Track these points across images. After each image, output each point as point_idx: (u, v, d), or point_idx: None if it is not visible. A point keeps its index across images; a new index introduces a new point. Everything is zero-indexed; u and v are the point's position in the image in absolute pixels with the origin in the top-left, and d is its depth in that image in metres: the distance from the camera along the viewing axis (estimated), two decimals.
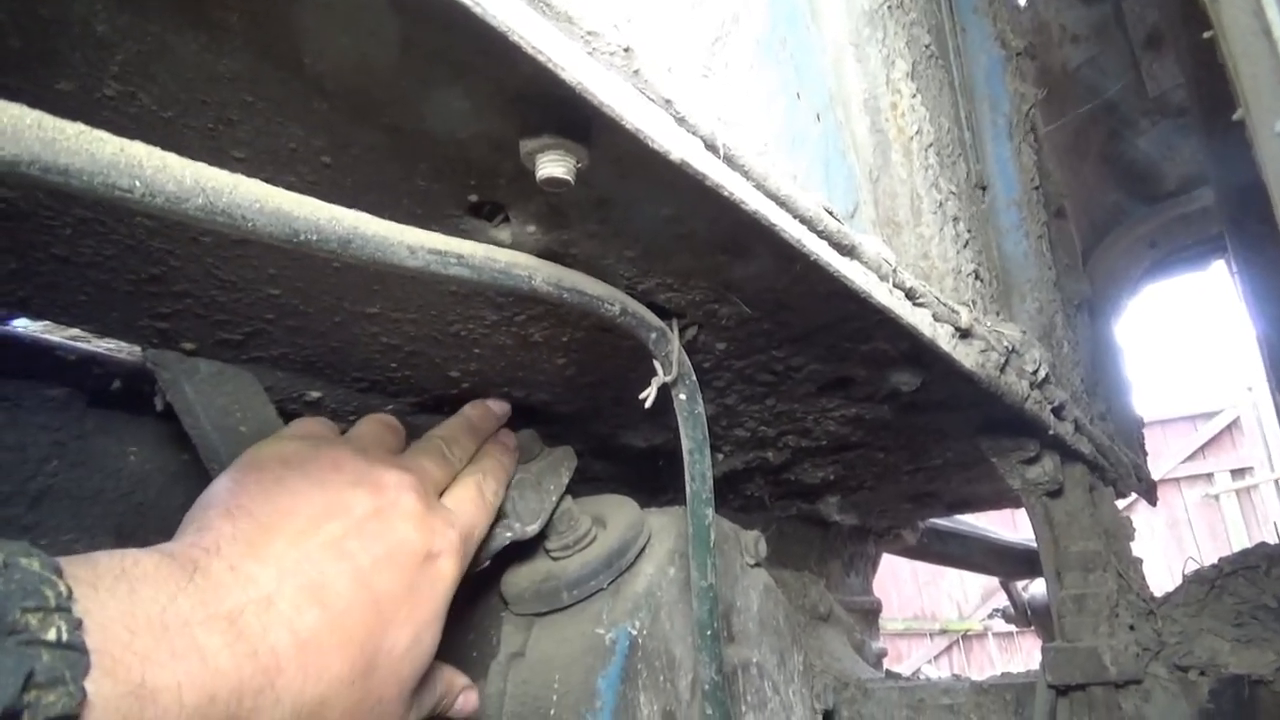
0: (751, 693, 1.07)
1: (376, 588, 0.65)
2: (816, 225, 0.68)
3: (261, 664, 0.54)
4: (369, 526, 0.67)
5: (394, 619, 0.65)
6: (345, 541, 0.65)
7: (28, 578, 0.43)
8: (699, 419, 0.82)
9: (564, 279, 0.64)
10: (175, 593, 0.52)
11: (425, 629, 0.69)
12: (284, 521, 0.63)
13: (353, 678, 0.61)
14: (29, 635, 0.41)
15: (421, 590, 0.69)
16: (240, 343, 0.77)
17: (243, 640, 0.54)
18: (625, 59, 0.49)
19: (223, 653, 0.52)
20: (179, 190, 0.39)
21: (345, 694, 0.60)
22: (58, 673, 0.42)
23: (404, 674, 0.67)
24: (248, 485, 0.65)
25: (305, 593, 0.59)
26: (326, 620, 0.60)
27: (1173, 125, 2.15)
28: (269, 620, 0.56)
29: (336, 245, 0.47)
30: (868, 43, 1.02)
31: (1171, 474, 10.89)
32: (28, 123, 0.34)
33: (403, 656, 0.66)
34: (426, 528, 0.71)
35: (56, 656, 0.42)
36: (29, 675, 0.40)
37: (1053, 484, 1.35)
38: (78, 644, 0.43)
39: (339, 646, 0.60)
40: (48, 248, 0.61)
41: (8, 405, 0.83)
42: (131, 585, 0.50)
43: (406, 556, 0.68)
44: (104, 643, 0.45)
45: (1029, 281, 1.44)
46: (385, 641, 0.64)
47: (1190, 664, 1.24)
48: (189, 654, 0.50)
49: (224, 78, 0.46)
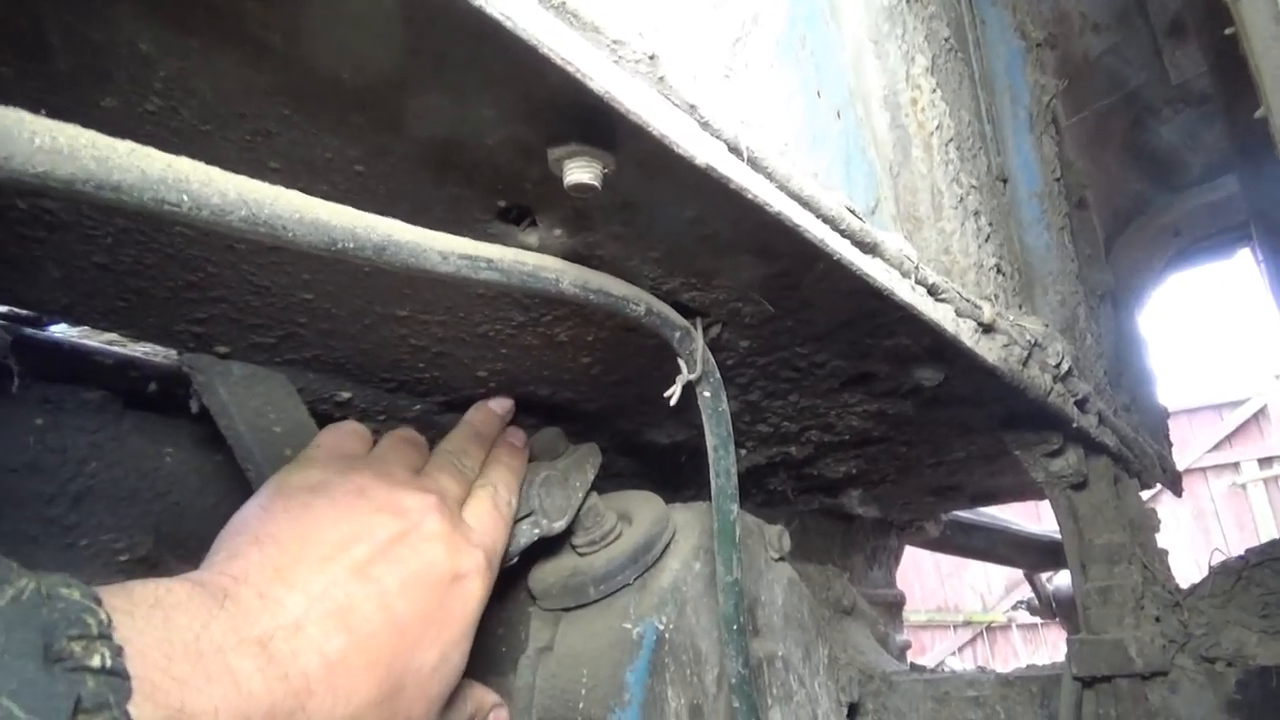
0: (777, 686, 1.08)
1: (402, 610, 0.66)
2: (839, 224, 0.69)
3: (293, 687, 0.56)
4: (394, 551, 0.68)
5: (421, 640, 0.67)
6: (371, 567, 0.66)
7: (70, 607, 0.44)
8: (723, 416, 0.83)
9: (590, 281, 0.65)
10: (208, 620, 0.54)
11: (453, 648, 0.70)
12: (311, 549, 0.64)
13: (381, 699, 0.62)
14: (74, 662, 0.43)
15: (449, 610, 0.70)
16: (273, 346, 0.79)
17: (274, 664, 0.56)
18: (650, 66, 0.50)
19: (255, 676, 0.54)
20: (223, 203, 0.40)
21: (373, 715, 0.62)
22: (103, 698, 0.43)
23: (432, 693, 0.68)
24: (275, 513, 0.67)
25: (332, 618, 0.61)
26: (353, 644, 0.61)
27: (1196, 113, 2.13)
28: (298, 644, 0.58)
29: (372, 253, 0.48)
30: (887, 38, 1.02)
31: (1197, 463, 10.77)
32: (82, 142, 0.35)
33: (430, 676, 0.68)
34: (452, 548, 0.72)
35: (101, 682, 0.43)
36: (77, 701, 0.41)
37: (1077, 477, 1.35)
38: (120, 670, 0.45)
39: (366, 668, 0.61)
40: (89, 256, 0.63)
41: (50, 408, 0.85)
42: (166, 613, 0.52)
43: (433, 579, 0.70)
44: (144, 669, 0.47)
45: (1051, 274, 1.43)
46: (413, 662, 0.66)
47: (1217, 655, 1.23)
48: (223, 678, 0.52)
49: (263, 92, 0.48)
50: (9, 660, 0.40)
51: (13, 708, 0.39)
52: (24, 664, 0.40)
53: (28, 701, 0.39)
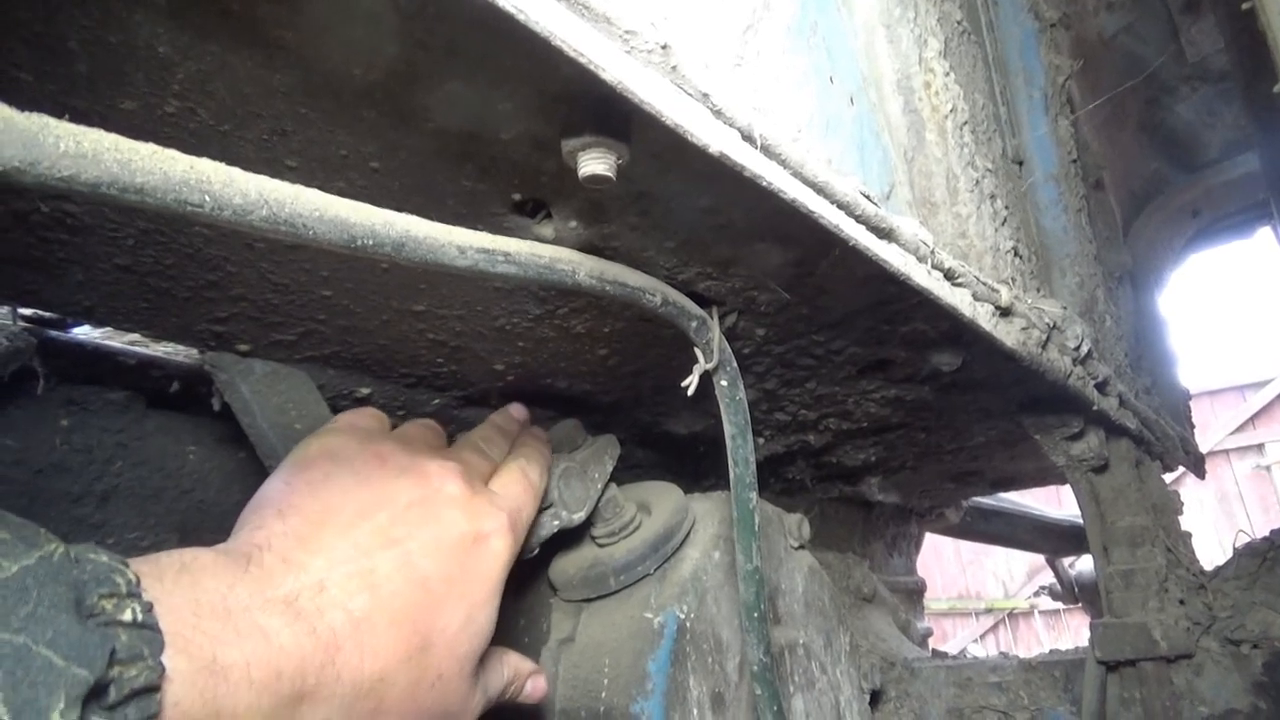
0: (799, 673, 1.08)
1: (425, 570, 0.67)
2: (854, 210, 0.69)
3: (321, 641, 0.57)
4: (414, 514, 0.69)
5: (445, 599, 0.67)
6: (392, 529, 0.67)
7: (99, 568, 0.45)
8: (740, 404, 0.83)
9: (606, 272, 0.65)
10: (233, 582, 0.55)
11: (479, 608, 0.71)
12: (332, 515, 0.65)
13: (408, 655, 0.63)
14: (106, 617, 0.44)
15: (472, 571, 0.71)
16: (293, 343, 0.80)
17: (301, 620, 0.57)
18: (663, 56, 0.50)
19: (284, 631, 0.55)
20: (245, 203, 0.41)
21: (403, 671, 0.63)
22: (137, 650, 0.44)
23: (461, 652, 0.69)
24: (296, 484, 0.68)
25: (355, 578, 0.62)
26: (377, 602, 0.62)
27: (1214, 91, 2.10)
28: (323, 602, 0.59)
29: (391, 249, 0.48)
30: (899, 23, 1.02)
31: (1220, 445, 10.66)
32: (106, 146, 0.36)
33: (458, 635, 0.68)
34: (472, 511, 0.73)
35: (134, 635, 0.44)
36: (112, 652, 0.42)
37: (1098, 460, 1.34)
38: (152, 624, 0.46)
39: (391, 625, 0.62)
40: (111, 258, 0.64)
41: (75, 409, 0.86)
42: (193, 577, 0.53)
43: (454, 540, 0.70)
44: (174, 625, 0.48)
45: (1069, 256, 1.42)
46: (439, 621, 0.66)
47: (1243, 637, 1.22)
48: (252, 634, 0.53)
49: (279, 91, 0.48)
50: (43, 612, 0.40)
51: (51, 656, 0.40)
52: (57, 615, 0.41)
53: (64, 650, 0.40)
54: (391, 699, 0.62)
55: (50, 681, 0.39)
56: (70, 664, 0.40)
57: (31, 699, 0.38)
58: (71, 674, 0.40)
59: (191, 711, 0.47)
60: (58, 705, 0.39)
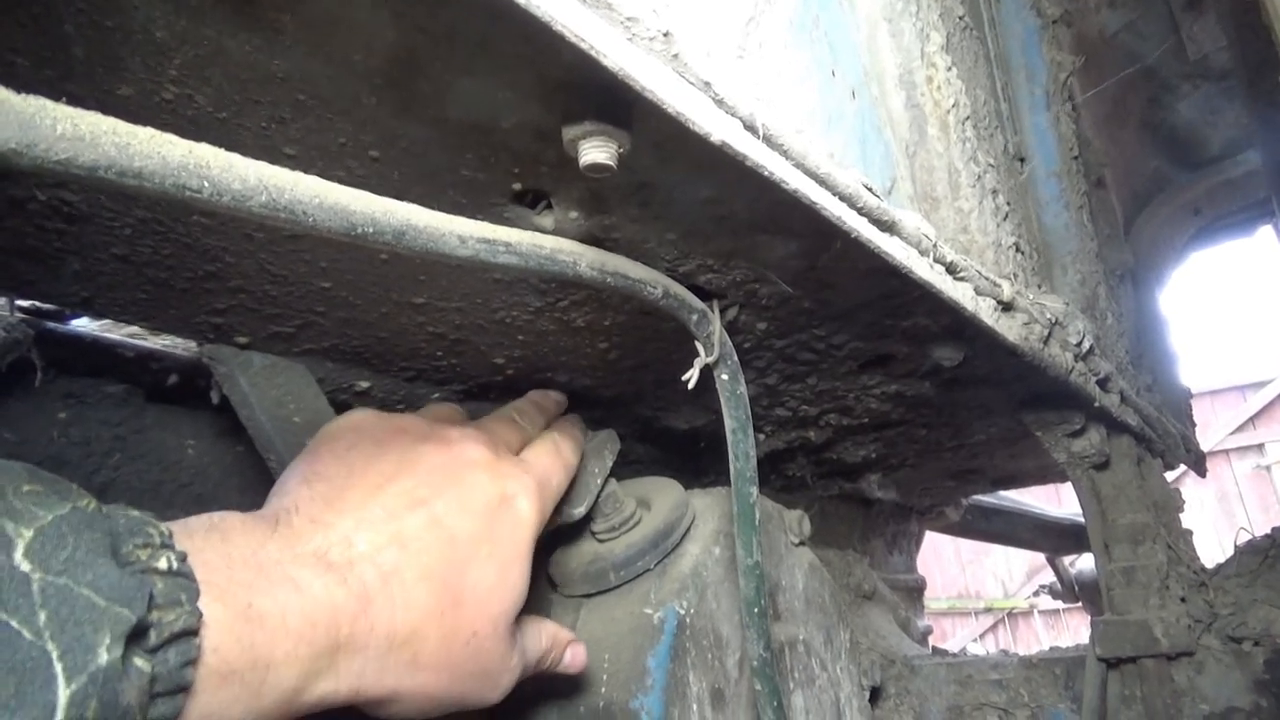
0: (799, 670, 1.08)
1: (452, 528, 0.68)
2: (856, 202, 0.68)
3: (353, 592, 0.58)
4: (438, 477, 0.70)
5: (474, 557, 0.68)
6: (417, 490, 0.68)
7: (131, 521, 0.46)
8: (741, 399, 0.82)
9: (607, 263, 0.65)
10: (263, 540, 0.56)
11: (509, 567, 0.71)
12: (358, 480, 0.66)
13: (440, 610, 0.64)
14: (143, 565, 0.45)
15: (500, 531, 0.71)
16: (292, 335, 0.79)
17: (332, 572, 0.58)
18: (665, 43, 0.50)
19: (315, 583, 0.56)
20: (244, 189, 0.40)
21: (435, 626, 0.64)
22: (174, 596, 0.45)
23: (494, 611, 0.69)
24: (322, 454, 0.69)
25: (383, 535, 0.63)
26: (406, 558, 0.63)
27: (1215, 88, 2.10)
28: (353, 556, 0.60)
29: (391, 237, 0.48)
30: (901, 17, 1.01)
31: (1221, 445, 10.66)
32: (104, 129, 0.36)
33: (489, 594, 0.69)
34: (497, 473, 0.74)
35: (170, 583, 0.45)
36: (150, 597, 0.43)
37: (1099, 456, 1.34)
38: (187, 572, 0.47)
39: (421, 579, 0.63)
40: (109, 248, 0.64)
41: (73, 402, 0.86)
42: (223, 534, 0.54)
43: (479, 500, 0.71)
44: (208, 575, 0.48)
45: (1070, 253, 1.42)
46: (468, 578, 0.67)
47: (1244, 635, 1.22)
48: (285, 584, 0.54)
49: (276, 78, 0.48)
50: (81, 556, 0.41)
51: (93, 596, 0.40)
52: (95, 560, 0.42)
53: (105, 592, 0.41)
54: (426, 653, 0.63)
55: (95, 620, 0.40)
56: (112, 604, 0.41)
57: (79, 636, 0.39)
58: (114, 613, 0.40)
59: (230, 658, 0.48)
60: (104, 641, 0.39)
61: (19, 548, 0.39)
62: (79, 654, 0.38)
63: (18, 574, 0.38)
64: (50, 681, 0.37)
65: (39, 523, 0.41)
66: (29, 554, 0.39)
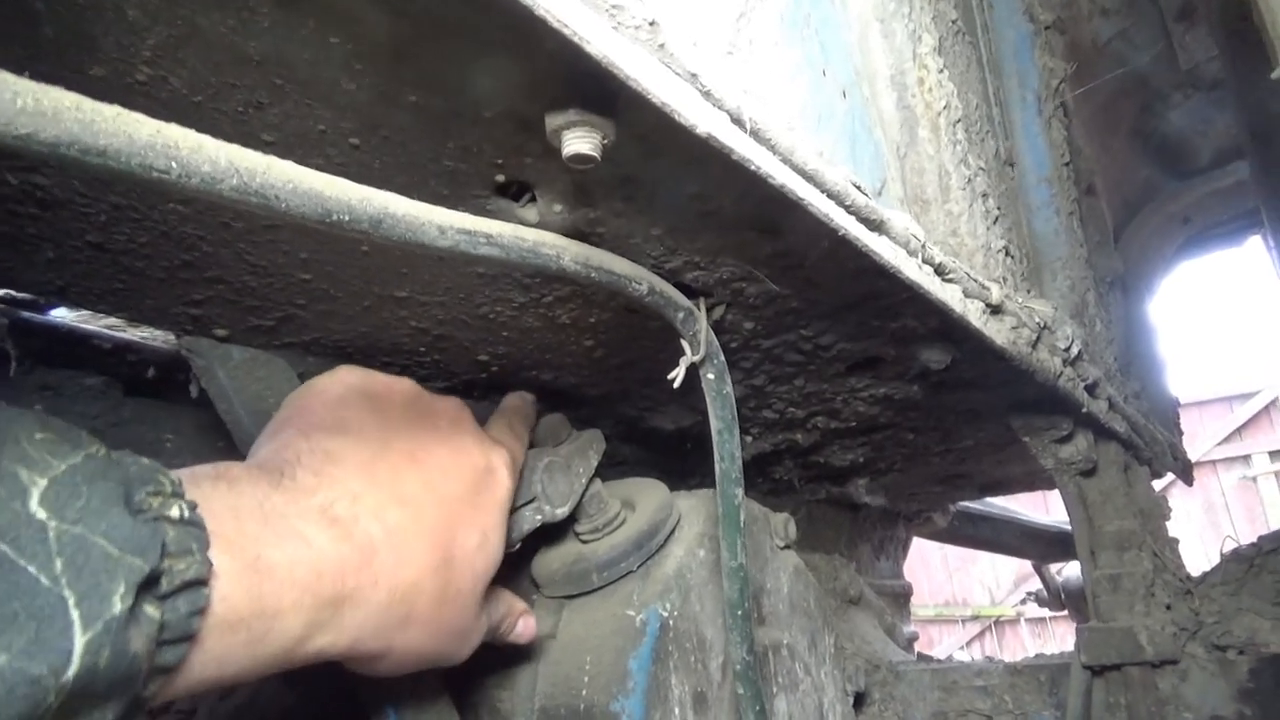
0: (783, 674, 1.07)
1: (445, 491, 0.70)
2: (844, 200, 0.68)
3: (357, 545, 0.59)
4: (432, 439, 0.72)
5: (463, 519, 0.70)
6: (416, 451, 0.70)
7: (142, 468, 0.46)
8: (727, 399, 0.81)
9: (591, 258, 0.64)
10: (269, 492, 0.57)
11: (491, 531, 0.74)
12: (357, 440, 0.67)
13: (436, 566, 0.66)
14: (155, 513, 0.45)
15: (484, 497, 0.74)
16: (272, 328, 0.78)
17: (337, 526, 0.59)
18: (651, 33, 0.49)
19: (320, 535, 0.57)
20: (214, 171, 0.39)
21: (431, 581, 0.65)
22: (185, 545, 0.45)
23: (478, 569, 0.72)
24: (315, 408, 0.70)
25: (385, 492, 0.65)
26: (407, 515, 0.65)
27: (1206, 98, 2.11)
28: (358, 511, 0.61)
29: (368, 225, 0.47)
30: (893, 18, 1.01)
31: (1208, 456, 10.69)
32: (67, 105, 0.34)
33: (475, 554, 0.71)
34: (481, 442, 0.77)
35: (182, 531, 0.45)
36: (162, 545, 0.43)
37: (1086, 463, 1.34)
38: (198, 522, 0.47)
39: (420, 536, 0.65)
40: (83, 235, 0.62)
41: (49, 394, 0.85)
42: (230, 485, 0.54)
43: (468, 466, 0.73)
44: (217, 525, 0.49)
45: (1060, 259, 1.42)
46: (458, 538, 0.69)
47: (1229, 643, 1.22)
48: (291, 537, 0.55)
49: (253, 60, 0.47)
50: (95, 505, 0.41)
51: (107, 546, 0.41)
52: (109, 508, 0.42)
53: (119, 542, 0.41)
54: (420, 608, 0.65)
55: (110, 569, 0.40)
56: (125, 554, 0.41)
57: (94, 584, 0.39)
58: (128, 562, 0.41)
59: (239, 607, 0.49)
60: (119, 590, 0.40)
61: (34, 496, 0.40)
62: (95, 602, 0.39)
63: (35, 521, 0.39)
64: (67, 628, 0.38)
65: (53, 471, 0.41)
66: (44, 502, 0.40)
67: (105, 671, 0.39)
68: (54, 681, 0.37)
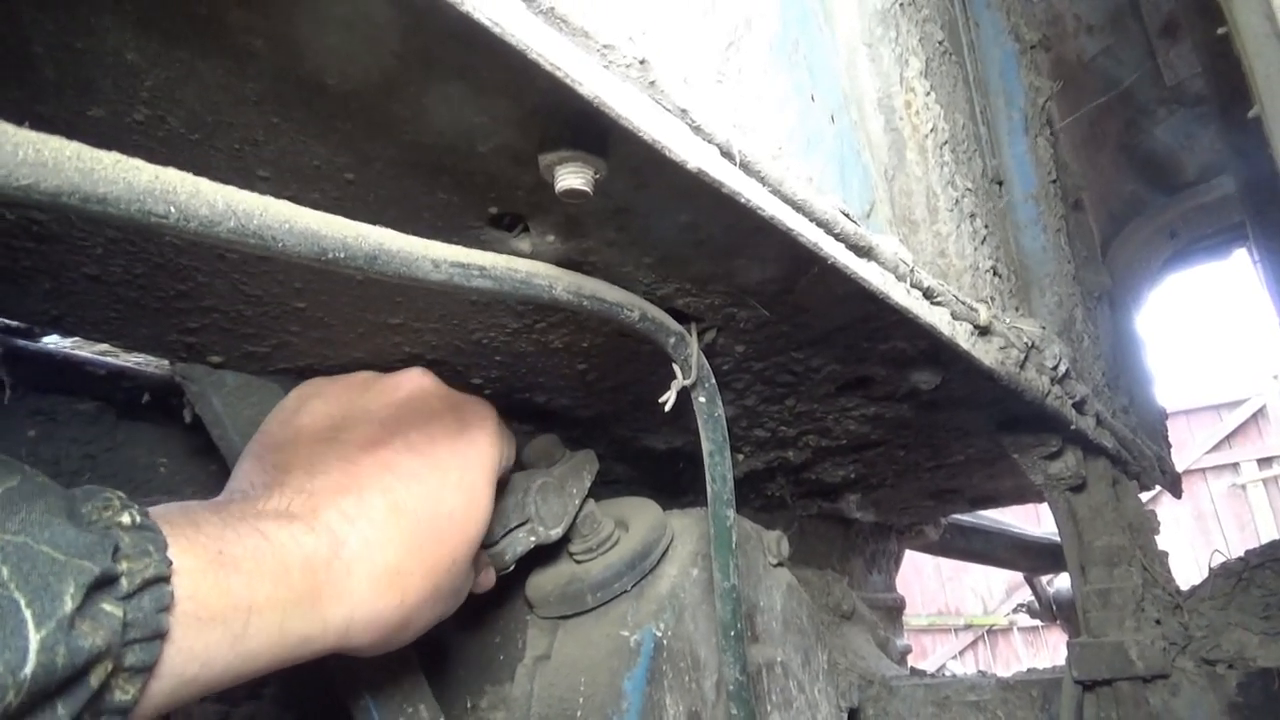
0: (776, 692, 1.07)
1: (414, 466, 0.69)
2: (833, 228, 0.69)
3: (321, 539, 0.59)
4: (393, 411, 0.72)
5: (443, 486, 0.70)
6: (371, 432, 0.69)
7: (87, 490, 0.48)
8: (719, 421, 0.82)
9: (584, 287, 0.65)
10: (224, 505, 0.58)
11: (478, 492, 0.73)
12: (307, 436, 0.68)
13: (419, 542, 0.65)
14: (106, 522, 0.46)
15: (465, 456, 0.73)
16: (266, 355, 0.79)
17: (297, 521, 0.59)
18: (641, 71, 0.50)
19: (280, 532, 0.57)
20: (211, 214, 0.40)
21: (417, 561, 0.65)
22: (142, 547, 0.46)
23: (471, 533, 0.72)
24: (270, 429, 0.71)
25: (342, 479, 0.65)
26: (369, 498, 0.64)
27: (1191, 114, 2.13)
28: (316, 504, 0.61)
29: (363, 262, 0.48)
30: (881, 42, 1.02)
31: (1197, 464, 10.74)
32: (67, 154, 0.35)
33: (464, 518, 0.71)
34: (449, 398, 0.76)
35: (136, 535, 0.46)
36: (116, 549, 0.44)
37: (1075, 479, 1.35)
38: (152, 526, 0.48)
39: (390, 515, 0.65)
40: (80, 268, 0.63)
41: (42, 419, 0.85)
42: (184, 508, 0.56)
43: (440, 427, 0.73)
44: (175, 530, 0.50)
45: (1048, 275, 1.43)
46: (441, 506, 0.69)
47: (1218, 658, 1.23)
48: (252, 534, 0.55)
49: (249, 100, 0.47)
50: (36, 517, 0.42)
51: (51, 551, 0.41)
52: (52, 520, 0.42)
53: (64, 547, 0.42)
54: (412, 588, 0.64)
55: (58, 572, 0.41)
56: (72, 558, 0.42)
57: (44, 586, 0.40)
58: (76, 565, 0.41)
59: (209, 602, 0.49)
60: (69, 590, 0.41)
61: None
62: (46, 602, 0.39)
63: None
64: (20, 627, 0.38)
65: None
66: None
67: (63, 668, 0.39)
68: (11, 679, 0.37)
